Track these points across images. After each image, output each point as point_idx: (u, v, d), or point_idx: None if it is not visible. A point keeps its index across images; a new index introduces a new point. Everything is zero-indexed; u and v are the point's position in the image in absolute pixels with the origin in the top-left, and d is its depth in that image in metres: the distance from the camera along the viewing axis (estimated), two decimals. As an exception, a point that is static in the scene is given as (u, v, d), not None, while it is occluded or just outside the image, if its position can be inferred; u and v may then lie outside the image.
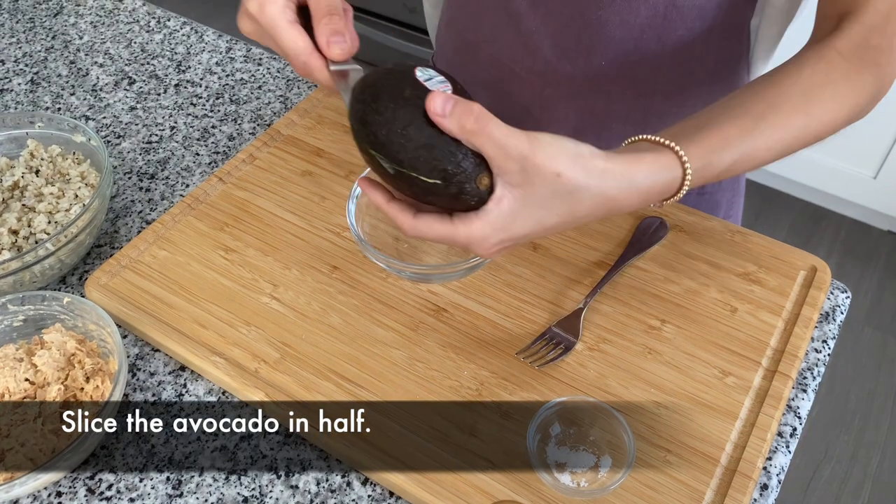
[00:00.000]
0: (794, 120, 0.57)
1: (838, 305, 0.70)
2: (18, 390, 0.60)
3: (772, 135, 0.56)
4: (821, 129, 0.58)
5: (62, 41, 1.02)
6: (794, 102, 0.57)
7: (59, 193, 0.73)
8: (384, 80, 0.51)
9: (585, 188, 0.49)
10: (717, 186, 0.85)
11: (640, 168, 0.52)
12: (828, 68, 0.58)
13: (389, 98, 0.49)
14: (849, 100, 0.59)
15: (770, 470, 0.59)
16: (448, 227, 0.50)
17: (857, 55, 0.59)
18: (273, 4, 0.54)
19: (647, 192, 0.52)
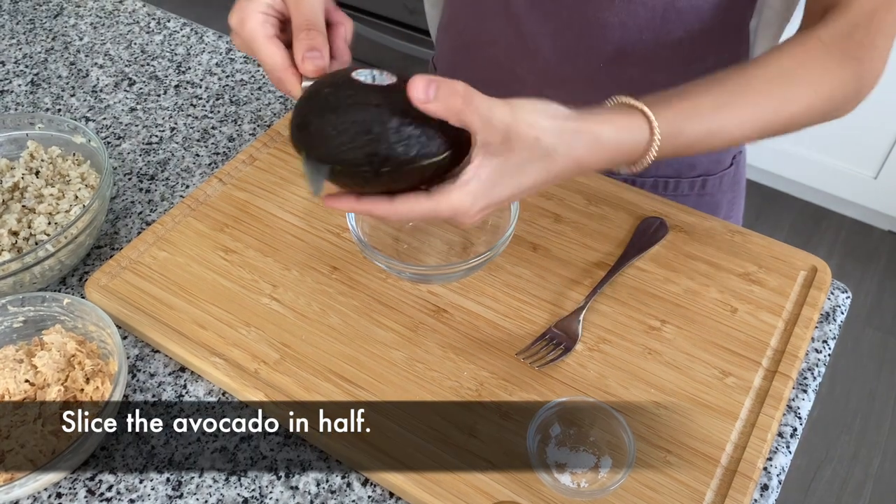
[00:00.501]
0: (768, 100, 0.58)
1: (839, 305, 0.70)
2: (18, 391, 0.60)
3: (744, 112, 0.57)
4: (795, 113, 0.59)
5: (62, 42, 1.02)
6: (769, 83, 0.58)
7: (59, 195, 0.73)
8: (324, 94, 0.51)
9: (558, 151, 0.50)
10: (718, 187, 0.85)
11: (608, 128, 0.53)
12: (806, 54, 0.59)
13: (336, 109, 0.49)
14: (825, 87, 0.59)
15: (770, 470, 0.59)
16: (430, 203, 0.50)
17: (839, 47, 0.59)
18: (252, 20, 0.54)
19: (614, 150, 0.53)
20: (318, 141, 0.50)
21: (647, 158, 0.55)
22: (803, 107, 0.59)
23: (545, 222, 0.73)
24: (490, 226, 0.70)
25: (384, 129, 0.48)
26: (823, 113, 0.60)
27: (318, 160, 0.50)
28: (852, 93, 0.61)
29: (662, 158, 0.56)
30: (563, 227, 0.73)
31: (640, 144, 0.54)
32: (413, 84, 0.47)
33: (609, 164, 0.54)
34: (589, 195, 0.75)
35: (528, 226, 0.73)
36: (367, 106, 0.49)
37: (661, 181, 0.82)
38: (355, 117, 0.49)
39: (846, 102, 0.61)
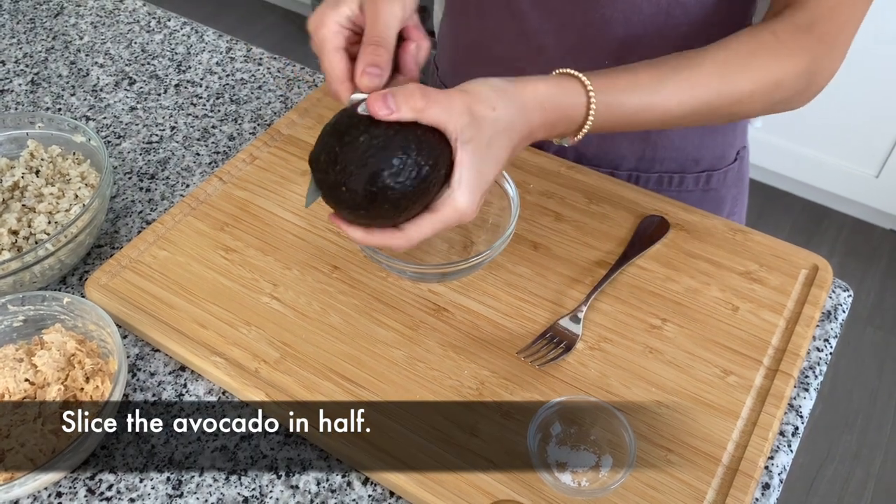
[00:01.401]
0: (709, 81, 0.59)
1: (840, 304, 0.69)
2: (18, 390, 0.60)
3: (684, 89, 0.58)
4: (736, 98, 0.60)
5: (62, 42, 1.02)
6: (713, 66, 0.59)
7: (59, 194, 0.73)
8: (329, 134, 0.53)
9: (514, 118, 0.53)
10: (723, 182, 0.85)
11: (549, 90, 0.55)
12: (757, 45, 0.60)
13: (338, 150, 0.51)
14: (771, 76, 0.60)
15: (772, 469, 0.59)
16: (435, 218, 0.52)
17: (795, 39, 0.60)
18: (327, 28, 0.56)
19: (554, 112, 0.55)
20: (328, 183, 0.52)
21: (586, 125, 0.57)
22: (746, 93, 0.60)
23: (546, 221, 0.73)
24: (490, 224, 0.70)
25: (376, 168, 0.50)
26: (770, 102, 0.61)
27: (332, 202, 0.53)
28: (802, 86, 0.61)
29: (603, 130, 0.58)
30: (564, 226, 0.73)
31: (577, 109, 0.56)
32: (372, 104, 0.49)
33: (552, 127, 0.56)
34: (590, 193, 0.75)
35: (528, 224, 0.73)
36: (357, 145, 0.50)
37: (666, 177, 0.82)
38: (349, 161, 0.50)
39: (795, 95, 0.62)
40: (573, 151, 0.82)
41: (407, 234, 0.53)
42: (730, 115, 0.62)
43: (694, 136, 0.80)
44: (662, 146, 0.80)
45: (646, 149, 0.80)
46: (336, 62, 0.56)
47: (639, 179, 0.82)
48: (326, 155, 0.51)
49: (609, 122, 0.57)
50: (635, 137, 0.79)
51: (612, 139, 0.80)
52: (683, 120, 0.61)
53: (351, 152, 0.50)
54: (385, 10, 0.56)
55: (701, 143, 0.80)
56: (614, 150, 0.81)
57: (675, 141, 0.79)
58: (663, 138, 0.79)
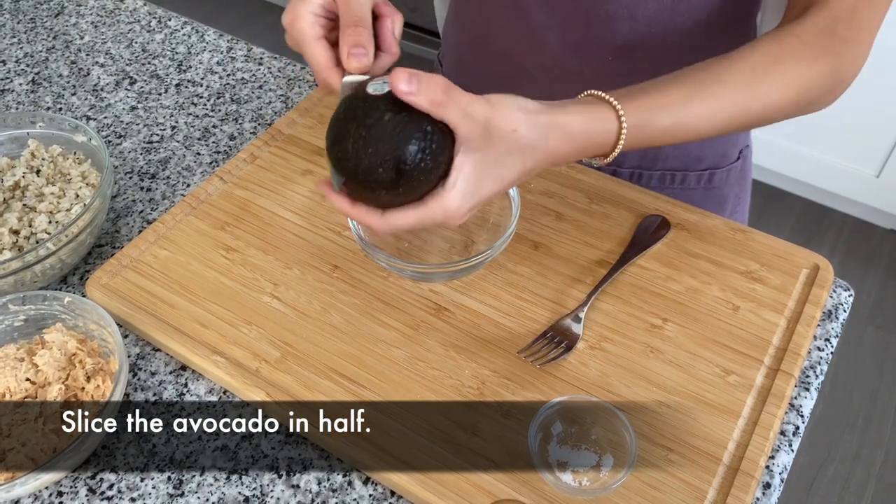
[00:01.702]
0: (738, 93, 0.58)
1: (841, 303, 0.69)
2: (19, 390, 0.60)
3: (713, 104, 0.57)
4: (766, 106, 0.59)
5: (63, 41, 1.02)
6: (740, 77, 0.58)
7: (60, 193, 0.73)
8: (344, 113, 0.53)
9: (534, 145, 0.52)
10: (725, 180, 0.85)
11: (578, 119, 0.54)
12: (781, 50, 0.59)
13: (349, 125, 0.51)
14: (798, 82, 0.59)
15: (773, 469, 0.59)
16: (420, 210, 0.52)
17: (819, 42, 0.59)
18: (302, 20, 0.56)
19: (584, 141, 0.55)
20: (343, 163, 0.51)
21: (617, 148, 0.56)
22: (774, 101, 0.59)
23: (547, 220, 0.73)
24: (491, 224, 0.70)
25: (398, 151, 0.49)
26: (798, 107, 0.61)
27: (345, 176, 0.52)
28: (828, 87, 0.61)
29: (632, 149, 0.58)
30: (565, 226, 0.73)
31: (609, 135, 0.55)
32: (396, 76, 0.48)
33: (580, 154, 0.56)
34: (590, 193, 0.75)
35: (529, 224, 0.73)
36: (378, 124, 0.50)
37: (669, 174, 0.82)
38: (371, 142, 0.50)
39: (822, 96, 0.61)
40: None
41: (388, 220, 0.52)
42: (757, 123, 0.61)
43: None
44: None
45: (649, 146, 0.80)
46: (319, 51, 0.56)
47: (641, 177, 0.82)
48: (349, 136, 0.50)
49: (639, 142, 0.57)
50: None
51: None
52: (713, 133, 0.60)
53: (378, 130, 0.49)
54: None
55: (704, 142, 0.80)
56: None
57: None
58: None
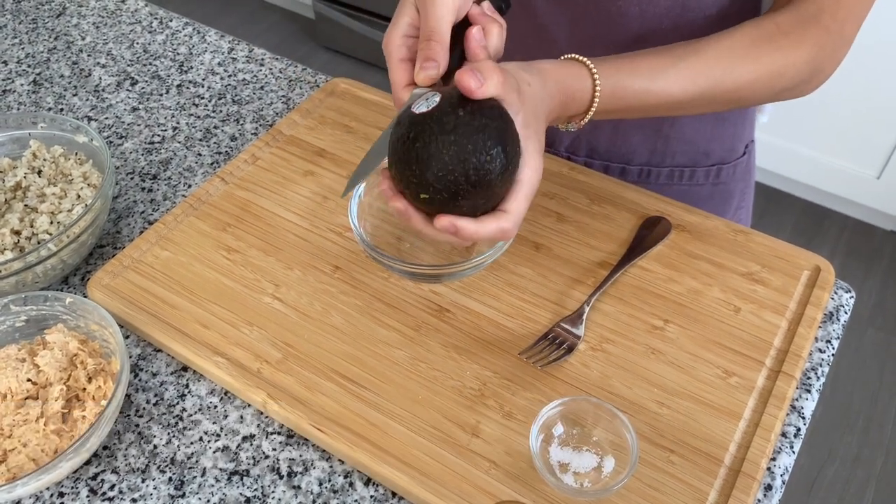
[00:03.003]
0: (713, 68, 0.61)
1: (842, 305, 0.69)
2: (21, 390, 0.60)
3: (687, 75, 0.60)
4: (738, 85, 0.62)
5: (65, 42, 1.02)
6: (716, 54, 0.61)
7: (62, 194, 0.73)
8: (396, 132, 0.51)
9: (543, 93, 0.55)
10: (732, 176, 0.85)
11: (557, 70, 0.57)
12: (759, 34, 0.61)
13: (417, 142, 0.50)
14: (772, 67, 0.61)
15: (774, 470, 0.58)
16: (527, 188, 0.52)
17: (800, 30, 0.61)
18: (391, 43, 0.58)
19: (564, 94, 0.57)
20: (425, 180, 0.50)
21: (592, 108, 0.59)
22: (746, 81, 0.61)
23: (548, 221, 0.73)
24: (493, 225, 0.70)
25: (463, 164, 0.48)
26: (772, 90, 0.63)
27: (429, 193, 0.50)
28: (806, 75, 0.63)
29: (608, 114, 0.60)
30: (566, 227, 0.73)
31: (585, 92, 0.58)
32: (462, 79, 0.49)
33: (564, 108, 0.58)
34: (592, 194, 0.75)
35: (530, 225, 0.73)
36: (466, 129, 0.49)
37: (677, 171, 0.82)
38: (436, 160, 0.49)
39: (799, 84, 0.63)
40: (585, 147, 0.82)
41: (513, 215, 0.51)
42: (732, 102, 0.64)
43: (705, 129, 0.80)
44: (675, 139, 0.80)
45: (657, 142, 0.80)
46: (397, 72, 0.57)
47: (650, 174, 0.82)
48: (425, 147, 0.49)
49: (613, 106, 0.59)
50: (648, 130, 0.79)
51: (625, 133, 0.80)
52: (686, 106, 0.62)
53: (463, 136, 0.48)
54: (436, 4, 0.56)
55: (712, 136, 0.81)
56: (626, 145, 0.81)
57: (687, 134, 0.80)
58: (675, 131, 0.79)
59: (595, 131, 0.81)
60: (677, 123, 0.79)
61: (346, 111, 0.86)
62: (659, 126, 0.79)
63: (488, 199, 0.50)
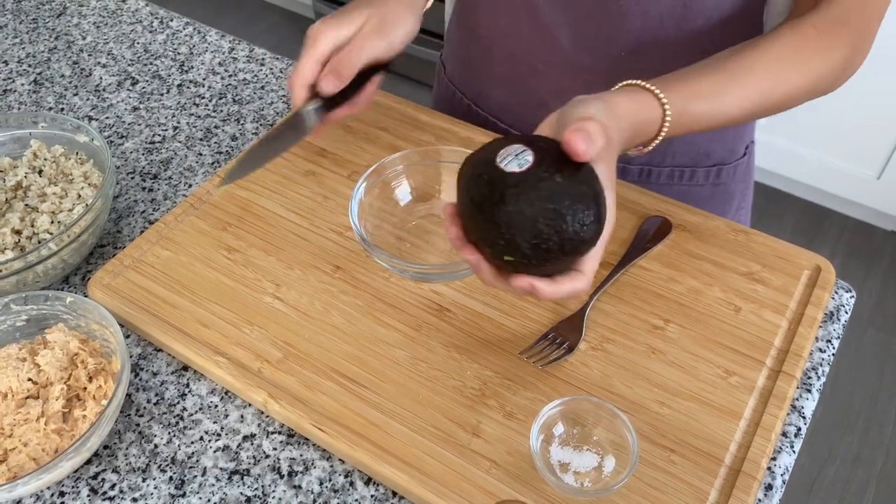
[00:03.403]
0: (764, 81, 0.62)
1: (843, 305, 0.69)
2: (21, 390, 0.60)
3: (742, 92, 0.62)
4: (788, 93, 0.63)
5: (65, 42, 1.02)
6: (765, 66, 0.62)
7: (62, 193, 0.73)
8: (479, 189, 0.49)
9: (617, 136, 0.55)
10: (732, 176, 0.85)
11: (628, 106, 0.57)
12: (800, 40, 0.63)
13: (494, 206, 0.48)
14: (815, 71, 0.63)
15: (774, 470, 0.58)
16: (601, 244, 0.51)
17: (832, 31, 0.63)
18: (320, 43, 0.65)
19: (637, 128, 0.58)
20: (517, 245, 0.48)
21: (660, 136, 0.60)
22: (794, 88, 0.63)
23: (548, 221, 0.73)
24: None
25: (558, 230, 0.47)
26: (812, 93, 0.65)
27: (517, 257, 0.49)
28: (839, 74, 0.65)
29: (668, 136, 0.61)
30: (567, 227, 0.72)
31: (653, 123, 0.59)
32: (572, 140, 0.47)
33: (630, 142, 0.58)
34: (592, 194, 0.75)
35: (531, 225, 0.73)
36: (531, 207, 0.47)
37: (678, 171, 0.82)
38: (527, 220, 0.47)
39: (833, 82, 0.66)
40: None
41: (588, 276, 0.51)
42: (777, 109, 0.65)
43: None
44: (675, 140, 0.80)
45: (682, 134, 0.80)
46: (308, 67, 0.65)
47: (650, 174, 0.82)
48: (519, 213, 0.47)
49: (676, 130, 0.60)
50: None
51: None
52: (741, 120, 0.64)
53: (561, 205, 0.47)
54: (368, 45, 0.65)
55: (712, 137, 0.81)
56: None
57: (687, 135, 0.80)
58: None
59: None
60: None
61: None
62: None
63: (574, 263, 0.50)
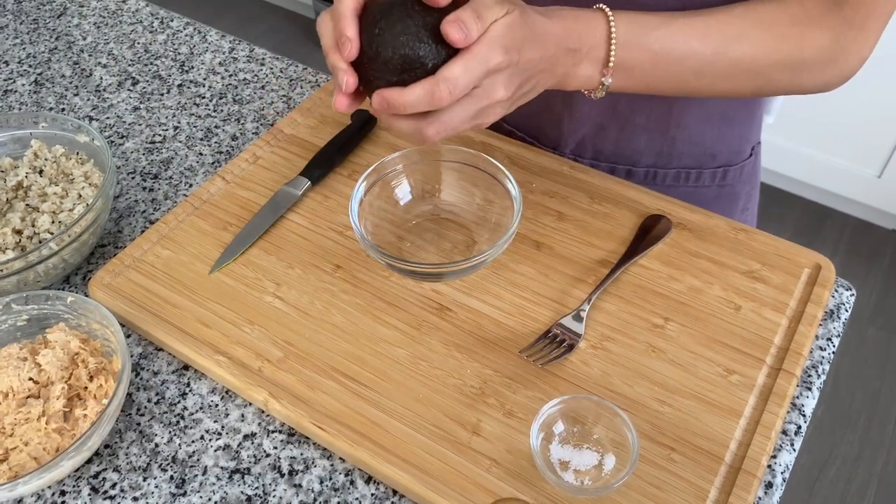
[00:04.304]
0: (730, 29, 0.61)
1: (843, 303, 0.69)
2: (22, 389, 0.60)
3: (705, 38, 0.60)
4: (756, 57, 0.61)
5: (66, 42, 1.02)
6: (737, 24, 0.61)
7: (63, 193, 0.73)
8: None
9: (547, 25, 0.55)
10: (738, 178, 0.85)
11: (568, 10, 0.57)
12: (783, 12, 0.61)
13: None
14: (792, 41, 0.61)
15: (775, 468, 0.59)
16: (473, 56, 0.51)
17: (820, 15, 0.61)
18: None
19: (574, 35, 0.57)
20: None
21: (610, 62, 0.59)
22: (764, 52, 0.61)
23: (548, 220, 0.73)
24: (493, 224, 0.70)
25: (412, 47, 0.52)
26: (790, 68, 0.62)
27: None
28: (826, 60, 0.62)
29: (632, 80, 0.60)
30: (567, 225, 0.73)
31: (595, 36, 0.58)
32: (448, 29, 0.50)
33: (573, 53, 0.57)
34: (592, 193, 0.75)
35: (531, 223, 0.73)
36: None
37: (684, 172, 0.82)
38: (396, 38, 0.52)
39: (819, 66, 0.63)
40: (591, 149, 0.82)
41: (452, 72, 0.51)
42: (751, 74, 0.63)
43: (711, 131, 0.80)
44: (680, 140, 0.80)
45: (663, 144, 0.80)
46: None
47: (657, 176, 0.82)
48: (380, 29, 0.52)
49: (635, 63, 0.59)
50: (654, 132, 0.79)
51: (630, 135, 0.80)
52: (715, 78, 0.62)
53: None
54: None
55: (719, 138, 0.81)
56: (632, 146, 0.81)
57: (693, 135, 0.79)
58: (681, 132, 0.79)
59: (601, 133, 0.80)
60: (683, 125, 0.79)
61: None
62: (665, 128, 0.79)
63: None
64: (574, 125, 0.80)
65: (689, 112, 0.77)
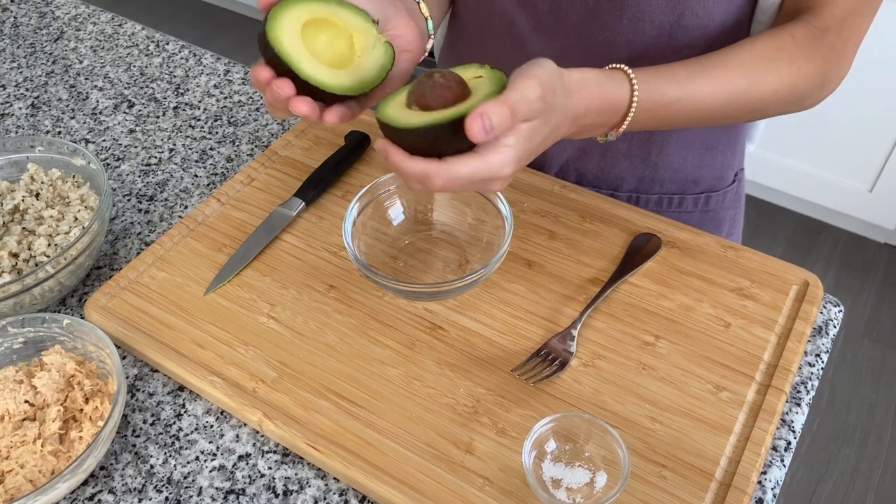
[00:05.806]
0: (739, 79, 0.63)
1: (831, 319, 0.70)
2: (18, 412, 0.60)
3: (716, 84, 0.63)
4: (762, 95, 0.64)
5: (62, 65, 1.03)
6: (741, 65, 0.63)
7: (59, 216, 0.74)
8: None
9: (565, 104, 0.55)
10: (721, 203, 0.86)
11: (593, 75, 0.58)
12: (778, 46, 0.64)
13: None
14: (790, 78, 0.64)
15: (765, 484, 0.59)
16: (476, 159, 0.51)
17: (810, 45, 0.64)
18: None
19: (601, 99, 0.58)
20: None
21: (629, 115, 0.61)
22: (770, 91, 0.64)
23: (540, 239, 0.74)
24: (485, 243, 0.71)
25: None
26: (790, 100, 0.66)
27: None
28: (816, 87, 0.66)
29: (644, 124, 0.62)
30: (558, 244, 0.73)
31: (621, 98, 0.59)
32: (469, 127, 0.49)
33: (599, 114, 0.59)
34: (583, 212, 0.76)
35: (522, 242, 0.74)
36: None
37: (666, 198, 0.83)
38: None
39: (810, 94, 0.66)
40: (574, 173, 0.83)
41: (447, 168, 0.51)
42: (752, 111, 0.66)
43: (693, 158, 0.81)
44: (662, 167, 0.81)
45: (645, 170, 0.81)
46: None
47: (639, 200, 0.83)
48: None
49: (648, 113, 0.61)
50: (636, 158, 0.80)
51: (612, 160, 0.81)
52: (714, 114, 0.65)
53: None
54: None
55: (701, 164, 0.81)
56: (615, 172, 0.81)
57: (675, 162, 0.80)
58: (663, 159, 0.80)
59: (584, 157, 0.81)
60: (664, 151, 0.80)
61: (340, 131, 0.87)
62: (647, 154, 0.80)
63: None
64: (557, 149, 0.81)
65: (671, 139, 0.79)
